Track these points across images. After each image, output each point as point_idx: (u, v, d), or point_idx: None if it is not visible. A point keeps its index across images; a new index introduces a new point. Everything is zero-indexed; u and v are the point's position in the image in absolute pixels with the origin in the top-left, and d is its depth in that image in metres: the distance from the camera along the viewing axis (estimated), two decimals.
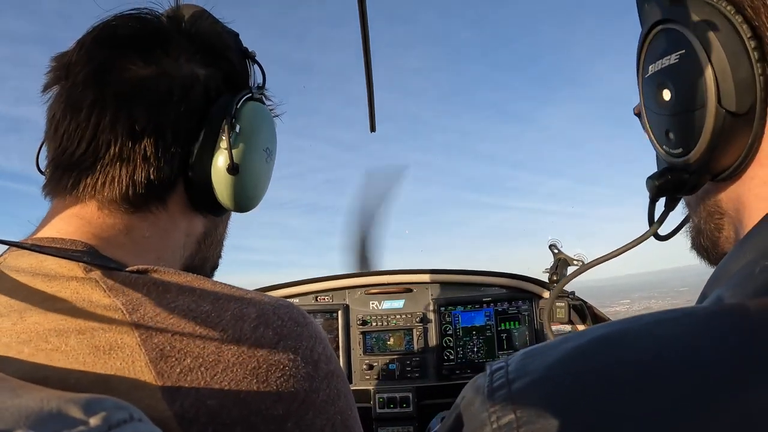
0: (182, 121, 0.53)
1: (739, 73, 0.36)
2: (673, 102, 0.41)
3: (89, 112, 0.50)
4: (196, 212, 0.59)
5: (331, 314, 1.89)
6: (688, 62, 0.39)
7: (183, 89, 0.53)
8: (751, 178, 0.39)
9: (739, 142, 0.38)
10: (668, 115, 0.42)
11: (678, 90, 0.40)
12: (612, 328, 0.33)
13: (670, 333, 0.31)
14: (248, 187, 0.59)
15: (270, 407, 0.42)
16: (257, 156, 0.59)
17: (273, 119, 0.64)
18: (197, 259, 0.63)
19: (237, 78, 0.60)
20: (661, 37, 0.42)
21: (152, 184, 0.52)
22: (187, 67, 0.54)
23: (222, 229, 0.66)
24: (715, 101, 0.37)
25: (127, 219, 0.52)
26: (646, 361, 0.29)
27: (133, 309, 0.43)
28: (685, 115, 0.40)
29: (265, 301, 0.47)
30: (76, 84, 0.51)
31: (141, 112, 0.51)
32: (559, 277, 1.65)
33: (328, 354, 0.48)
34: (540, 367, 0.32)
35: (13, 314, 0.43)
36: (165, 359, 0.41)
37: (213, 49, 0.57)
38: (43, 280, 0.45)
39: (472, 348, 1.84)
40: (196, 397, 0.40)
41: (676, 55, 0.40)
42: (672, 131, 0.42)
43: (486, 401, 0.32)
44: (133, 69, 0.52)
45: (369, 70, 0.91)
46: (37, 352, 0.41)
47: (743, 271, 0.34)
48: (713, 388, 0.27)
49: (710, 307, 0.32)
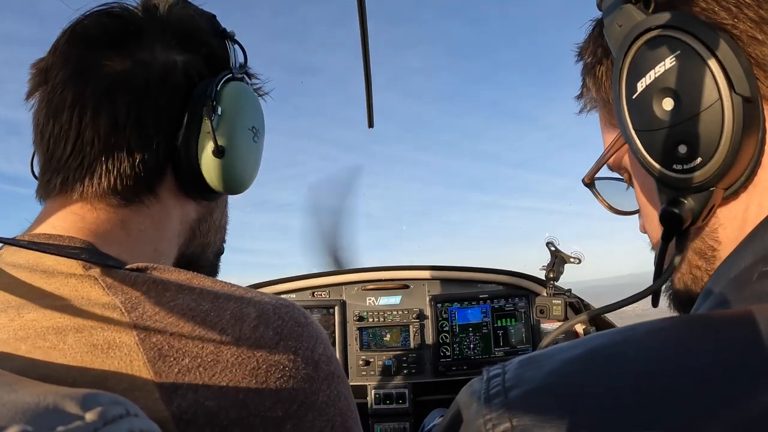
0: (163, 110, 0.53)
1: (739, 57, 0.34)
2: (680, 107, 0.37)
3: (70, 113, 0.50)
4: (188, 199, 0.59)
5: (328, 310, 1.89)
6: (688, 59, 0.36)
7: (161, 78, 0.53)
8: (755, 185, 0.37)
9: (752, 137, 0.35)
10: (675, 125, 0.37)
11: (682, 92, 0.36)
12: (609, 337, 0.33)
13: (665, 342, 0.30)
14: (237, 168, 0.58)
15: (269, 408, 0.42)
16: (243, 136, 0.59)
17: (256, 98, 0.64)
18: (195, 246, 0.62)
19: (217, 60, 0.59)
20: (645, 50, 0.39)
21: (139, 175, 0.52)
22: (163, 56, 0.54)
23: (219, 214, 0.66)
24: (728, 90, 0.34)
25: (121, 213, 0.52)
26: (642, 370, 0.29)
27: (131, 307, 0.42)
28: (698, 117, 0.36)
29: (266, 300, 0.47)
30: (56, 87, 0.51)
31: (121, 105, 0.51)
32: (556, 275, 1.65)
33: (328, 354, 0.47)
34: (537, 376, 0.32)
35: (10, 310, 0.43)
36: (163, 359, 0.40)
37: (189, 34, 0.57)
38: (41, 276, 0.45)
39: (468, 345, 1.84)
40: (194, 397, 0.40)
41: (671, 58, 0.37)
42: (685, 142, 0.37)
43: (482, 408, 0.32)
44: (109, 65, 0.52)
45: (367, 66, 0.91)
46: (35, 349, 0.41)
47: (741, 276, 0.34)
48: (710, 397, 0.27)
49: (706, 315, 0.32)
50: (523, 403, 0.31)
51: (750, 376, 0.27)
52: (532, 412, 0.30)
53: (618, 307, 0.47)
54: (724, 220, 0.40)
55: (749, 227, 0.37)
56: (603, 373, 0.30)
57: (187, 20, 0.57)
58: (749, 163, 0.36)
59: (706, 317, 0.31)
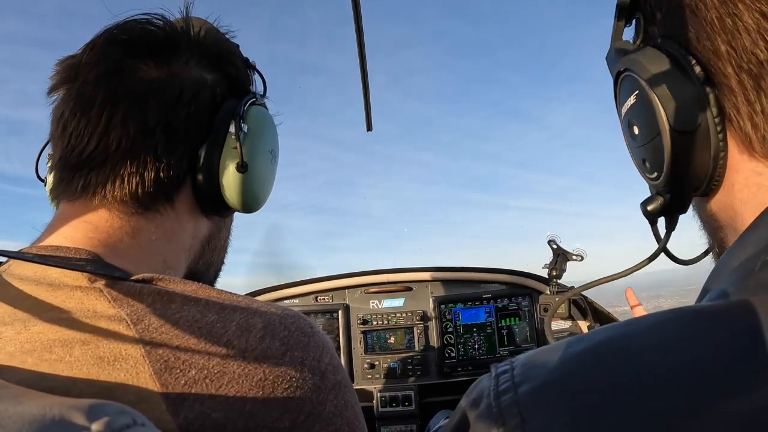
0: (192, 122, 0.54)
1: (682, 97, 0.41)
2: (641, 134, 0.47)
3: (101, 108, 0.50)
4: (202, 214, 0.60)
5: (332, 314, 1.89)
6: (641, 99, 0.45)
7: (192, 92, 0.54)
8: (732, 184, 0.42)
9: (702, 156, 0.42)
10: (640, 146, 0.48)
11: (640, 123, 0.46)
12: (615, 330, 0.33)
13: (671, 334, 0.31)
14: (255, 186, 0.60)
15: (276, 420, 0.42)
16: (263, 157, 0.61)
17: (275, 124, 0.67)
18: (202, 264, 0.63)
19: (241, 84, 0.62)
20: (623, 84, 0.48)
21: (161, 182, 0.52)
22: (196, 72, 0.56)
23: (225, 233, 0.67)
24: (666, 125, 0.43)
25: (135, 221, 0.52)
26: (649, 362, 0.29)
27: (137, 319, 0.42)
28: (651, 143, 0.45)
29: (272, 311, 0.47)
30: (87, 83, 0.51)
31: (152, 110, 0.51)
32: (558, 272, 1.65)
33: (335, 364, 0.47)
34: (545, 372, 0.32)
35: (17, 323, 0.43)
36: (169, 371, 0.40)
37: (219, 56, 0.59)
38: (47, 289, 0.45)
39: (473, 345, 1.84)
40: (200, 409, 0.40)
41: (633, 96, 0.46)
42: (647, 159, 0.48)
43: (492, 404, 0.33)
44: (145, 69, 0.52)
45: (364, 71, 0.91)
46: (41, 362, 0.41)
47: (743, 266, 0.35)
48: (716, 388, 0.27)
49: (711, 305, 0.32)
50: (533, 398, 0.31)
51: (751, 370, 0.27)
52: (542, 407, 0.30)
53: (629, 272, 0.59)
54: (717, 209, 0.45)
55: (739, 217, 0.41)
56: (608, 367, 0.30)
57: (219, 43, 0.60)
58: (706, 173, 0.43)
59: (709, 309, 0.31)
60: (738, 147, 0.40)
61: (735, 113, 0.39)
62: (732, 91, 0.38)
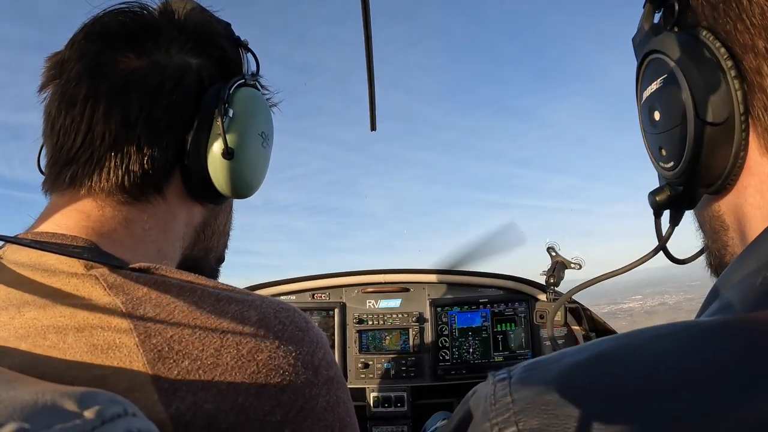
0: (176, 110, 0.53)
1: (714, 88, 0.40)
2: (662, 121, 0.45)
3: (83, 105, 0.51)
4: (194, 201, 0.59)
5: (328, 312, 1.89)
6: (669, 84, 0.44)
7: (175, 79, 0.53)
8: (745, 187, 0.41)
9: (723, 152, 0.41)
10: (659, 133, 0.46)
11: (664, 109, 0.45)
12: (615, 342, 0.33)
13: (669, 348, 0.31)
14: (245, 172, 0.59)
15: (268, 413, 0.41)
16: (252, 140, 0.59)
17: (267, 105, 0.64)
18: (197, 250, 0.62)
19: (230, 66, 0.60)
20: (650, 66, 0.47)
21: (147, 173, 0.52)
22: (179, 58, 0.55)
23: (223, 219, 0.66)
24: (693, 114, 0.41)
25: (126, 210, 0.52)
26: (645, 376, 0.29)
27: (132, 308, 0.42)
28: (672, 131, 0.44)
29: (267, 304, 0.47)
30: (70, 80, 0.52)
31: (134, 102, 0.51)
32: (556, 280, 1.65)
33: (329, 360, 0.47)
34: (543, 381, 0.32)
35: (11, 308, 0.43)
36: (163, 360, 0.40)
37: (204, 39, 0.57)
38: (42, 275, 0.45)
39: (467, 349, 1.84)
40: (192, 400, 0.40)
41: (660, 80, 0.45)
42: (664, 147, 0.46)
43: (488, 411, 0.33)
44: (125, 61, 0.52)
45: (371, 69, 0.91)
46: (35, 348, 0.41)
47: (744, 282, 0.34)
48: (713, 402, 0.27)
49: (710, 320, 0.32)
50: (530, 406, 0.31)
51: (752, 383, 0.27)
52: (538, 416, 0.30)
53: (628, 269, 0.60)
54: (725, 210, 0.45)
55: (748, 222, 0.41)
56: (608, 377, 0.30)
57: (203, 25, 0.58)
58: (723, 171, 0.42)
59: (710, 323, 0.31)
60: (759, 149, 0.39)
61: (762, 113, 0.38)
62: (764, 91, 0.38)
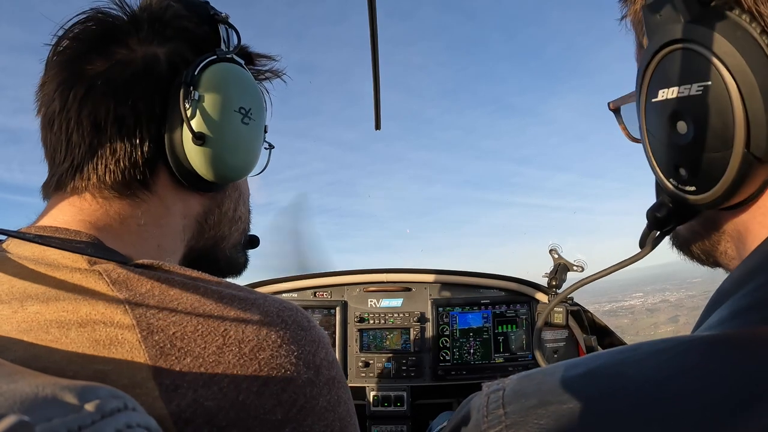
0: (141, 105, 0.53)
1: None
2: (691, 138, 0.36)
3: (59, 121, 0.52)
4: (188, 192, 0.58)
5: (329, 310, 1.89)
6: (716, 98, 0.33)
7: (142, 72, 0.53)
8: (759, 207, 0.38)
9: (756, 182, 0.35)
10: (682, 150, 0.37)
11: (699, 126, 0.35)
12: (611, 357, 0.33)
13: (667, 364, 0.30)
14: (224, 153, 0.56)
15: (269, 411, 0.41)
16: (227, 119, 0.56)
17: (246, 77, 0.60)
18: (205, 240, 0.62)
19: (205, 45, 0.57)
20: (678, 60, 0.36)
21: (126, 170, 0.52)
22: (142, 50, 0.53)
23: (229, 205, 0.64)
24: (743, 145, 0.33)
25: (117, 206, 0.53)
26: (641, 393, 0.29)
27: (135, 304, 0.42)
28: (706, 155, 0.35)
29: (270, 303, 0.47)
30: (48, 100, 0.54)
31: (100, 105, 0.51)
32: (558, 282, 1.64)
33: (330, 359, 0.47)
34: (536, 393, 0.32)
35: (14, 302, 0.43)
36: (165, 357, 0.40)
37: (166, 24, 0.55)
38: (45, 269, 0.45)
39: (468, 350, 1.84)
40: (193, 397, 0.40)
41: (699, 86, 0.34)
42: (685, 168, 0.38)
43: (481, 422, 0.33)
44: (91, 68, 0.52)
45: (376, 67, 0.91)
46: (37, 342, 0.41)
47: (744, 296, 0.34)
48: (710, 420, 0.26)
49: (708, 336, 0.31)
50: (522, 420, 0.31)
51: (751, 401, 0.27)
52: (530, 430, 0.30)
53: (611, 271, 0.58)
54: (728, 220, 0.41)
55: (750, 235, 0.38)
56: (603, 393, 0.30)
57: (161, 11, 0.56)
58: (746, 198, 0.36)
59: (708, 339, 0.31)
60: None
61: None
62: None
